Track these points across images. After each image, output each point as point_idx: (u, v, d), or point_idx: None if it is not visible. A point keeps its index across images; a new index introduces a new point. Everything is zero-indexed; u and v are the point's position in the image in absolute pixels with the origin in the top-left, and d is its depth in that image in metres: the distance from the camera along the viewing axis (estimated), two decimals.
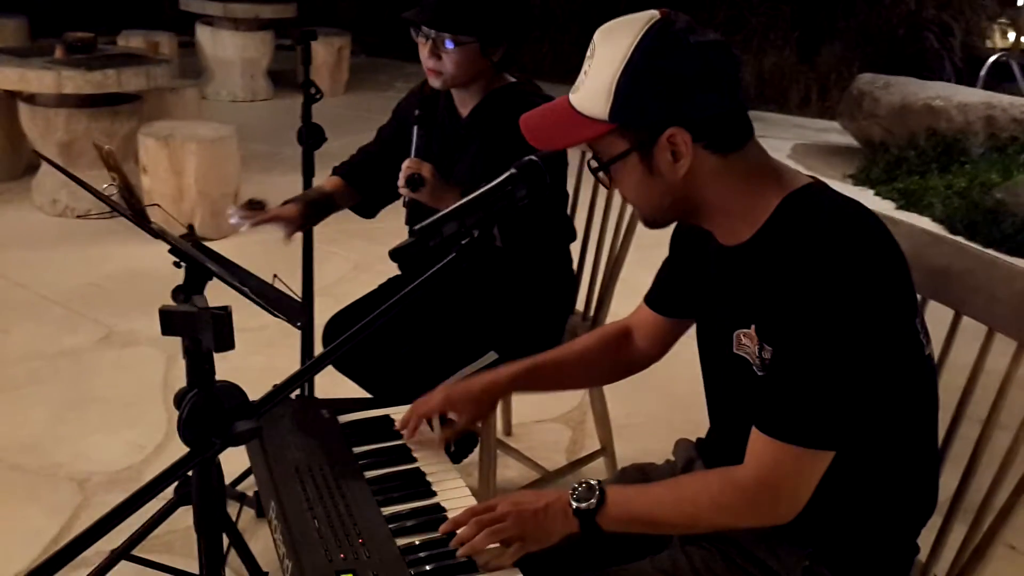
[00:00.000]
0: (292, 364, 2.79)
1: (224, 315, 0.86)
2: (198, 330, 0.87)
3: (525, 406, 2.79)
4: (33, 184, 4.64)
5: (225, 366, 3.35)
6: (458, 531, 1.29)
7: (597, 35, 1.24)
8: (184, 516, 1.63)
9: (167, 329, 0.89)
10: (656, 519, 1.28)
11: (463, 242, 1.15)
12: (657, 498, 1.29)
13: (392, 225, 2.42)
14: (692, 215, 1.30)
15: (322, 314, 2.56)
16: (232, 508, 2.21)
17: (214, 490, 1.01)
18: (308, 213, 2.21)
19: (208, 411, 0.88)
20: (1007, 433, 1.42)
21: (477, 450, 2.35)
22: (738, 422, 1.38)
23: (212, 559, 1.06)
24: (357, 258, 4.17)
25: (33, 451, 2.69)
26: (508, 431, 2.89)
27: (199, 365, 0.89)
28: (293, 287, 2.73)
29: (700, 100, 1.19)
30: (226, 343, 0.88)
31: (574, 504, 1.27)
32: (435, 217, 1.15)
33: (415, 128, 2.13)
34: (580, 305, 2.51)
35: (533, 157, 1.23)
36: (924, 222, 5.29)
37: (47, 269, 3.92)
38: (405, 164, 2.08)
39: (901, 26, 7.60)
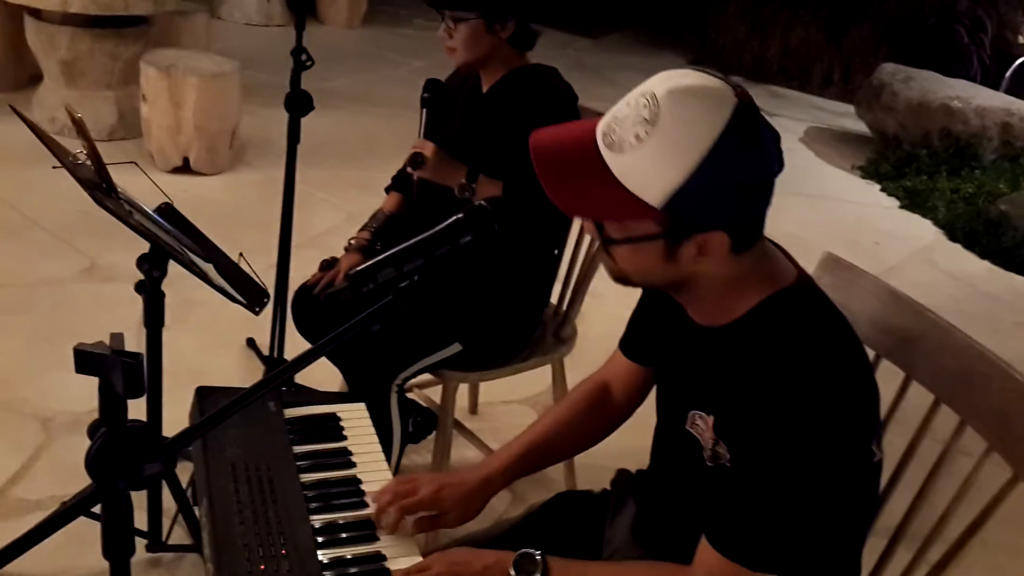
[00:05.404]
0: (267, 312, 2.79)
1: (134, 364, 0.86)
2: (110, 372, 0.87)
3: (492, 387, 2.80)
4: (34, 99, 4.59)
5: (204, 312, 3.28)
6: None
7: (663, 95, 1.09)
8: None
9: (80, 368, 0.89)
10: None
11: (401, 285, 1.14)
12: None
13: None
14: (675, 291, 1.25)
15: (302, 267, 2.53)
16: (185, 469, 2.24)
17: (122, 520, 1.02)
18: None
19: (116, 450, 0.88)
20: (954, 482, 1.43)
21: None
22: (675, 482, 1.40)
23: None
24: (351, 208, 4.05)
25: (1, 384, 2.71)
26: (474, 410, 2.91)
27: (112, 404, 0.90)
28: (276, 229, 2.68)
29: (752, 207, 1.14)
30: (136, 391, 0.89)
31: (513, 574, 1.25)
32: (371, 262, 1.14)
33: (423, 111, 2.21)
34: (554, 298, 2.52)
35: (482, 202, 1.21)
36: (925, 225, 5.26)
37: (38, 191, 3.87)
38: (413, 145, 2.16)
39: (933, 16, 7.43)
